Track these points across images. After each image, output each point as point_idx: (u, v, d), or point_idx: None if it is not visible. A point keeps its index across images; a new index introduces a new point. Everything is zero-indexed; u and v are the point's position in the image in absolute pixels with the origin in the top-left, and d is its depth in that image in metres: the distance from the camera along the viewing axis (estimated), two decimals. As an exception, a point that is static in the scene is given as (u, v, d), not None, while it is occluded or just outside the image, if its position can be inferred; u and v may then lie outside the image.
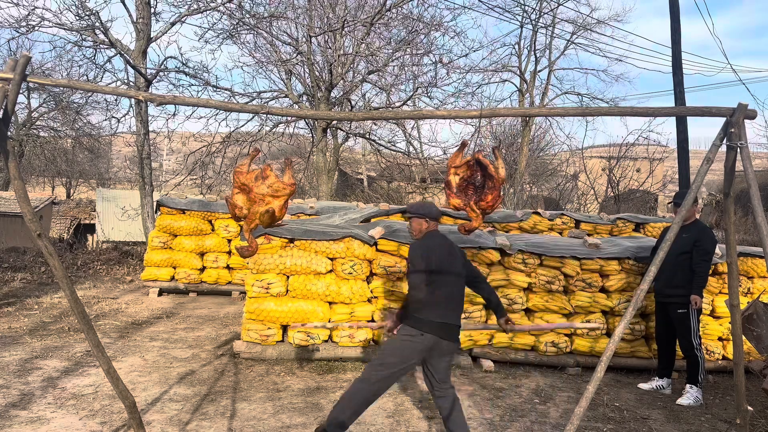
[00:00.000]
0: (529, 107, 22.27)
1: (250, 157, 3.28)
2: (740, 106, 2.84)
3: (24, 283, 9.53)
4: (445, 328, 3.59)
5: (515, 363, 5.97)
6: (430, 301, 3.56)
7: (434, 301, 3.57)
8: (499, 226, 7.93)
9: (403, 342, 3.61)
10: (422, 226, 3.81)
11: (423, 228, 3.81)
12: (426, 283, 3.54)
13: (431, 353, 3.61)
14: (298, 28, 13.74)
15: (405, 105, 14.20)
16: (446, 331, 3.60)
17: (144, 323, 7.27)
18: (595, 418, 4.62)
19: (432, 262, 3.60)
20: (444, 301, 3.60)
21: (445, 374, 3.70)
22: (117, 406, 4.34)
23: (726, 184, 3.11)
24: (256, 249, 3.30)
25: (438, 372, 3.67)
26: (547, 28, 22.19)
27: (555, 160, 24.01)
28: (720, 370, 6.05)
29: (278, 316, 5.69)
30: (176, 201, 9.32)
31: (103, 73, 12.01)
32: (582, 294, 5.97)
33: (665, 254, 2.86)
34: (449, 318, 3.63)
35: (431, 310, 3.57)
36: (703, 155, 3.02)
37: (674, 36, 11.41)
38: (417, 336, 3.55)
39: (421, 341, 3.55)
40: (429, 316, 3.56)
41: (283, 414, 4.41)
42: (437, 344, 3.58)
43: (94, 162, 27.85)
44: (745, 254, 6.17)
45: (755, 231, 13.56)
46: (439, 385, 3.69)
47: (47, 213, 19.31)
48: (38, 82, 3.22)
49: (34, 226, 2.89)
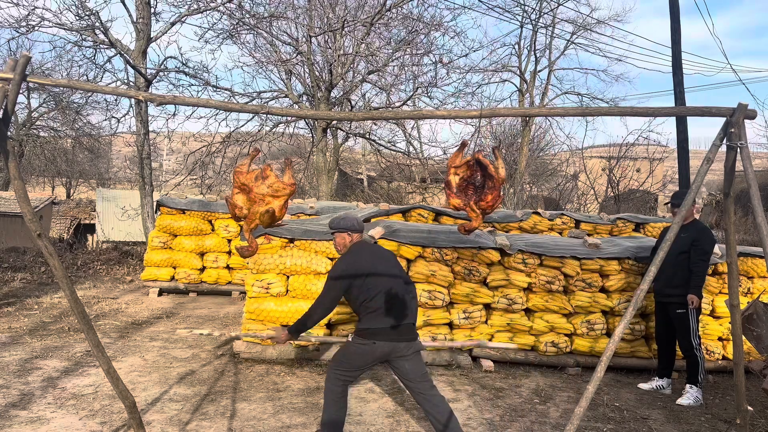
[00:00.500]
0: (529, 107, 22.27)
1: (250, 157, 3.28)
2: (740, 106, 2.84)
3: (24, 283, 9.53)
4: (396, 331, 3.60)
5: (515, 363, 5.97)
6: (372, 308, 3.60)
7: (376, 308, 3.59)
8: (499, 226, 7.93)
9: (357, 349, 3.65)
10: (345, 240, 3.84)
11: (347, 242, 3.84)
12: (341, 300, 3.72)
13: (390, 357, 3.63)
14: (298, 28, 13.74)
15: (405, 105, 14.20)
16: (398, 333, 3.61)
17: (144, 323, 7.27)
18: (595, 418, 4.62)
19: (359, 273, 3.64)
20: (386, 305, 3.61)
21: (416, 374, 3.67)
22: (117, 406, 4.34)
23: (726, 184, 3.11)
24: (256, 249, 3.30)
25: (407, 373, 3.66)
26: (547, 28, 22.21)
27: (555, 160, 24.01)
28: (720, 370, 6.05)
29: (278, 316, 5.68)
30: (176, 201, 9.32)
31: (103, 73, 12.04)
32: (582, 294, 5.97)
33: (665, 254, 2.86)
34: (398, 320, 3.62)
35: (376, 318, 3.59)
36: (703, 155, 3.02)
37: (674, 36, 11.42)
38: (369, 345, 3.59)
39: (373, 349, 3.59)
40: (376, 324, 3.59)
41: (283, 414, 4.41)
42: (394, 348, 3.60)
43: (94, 162, 27.86)
44: (745, 254, 6.17)
45: (755, 231, 13.56)
46: (416, 385, 3.67)
47: (47, 213, 19.32)
48: (38, 82, 3.22)
49: (34, 226, 2.89)
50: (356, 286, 3.63)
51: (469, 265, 5.87)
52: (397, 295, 3.68)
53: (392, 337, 3.59)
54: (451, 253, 5.87)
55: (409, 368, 3.65)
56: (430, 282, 5.82)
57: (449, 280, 5.85)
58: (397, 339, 3.60)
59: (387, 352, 3.60)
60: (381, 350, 3.59)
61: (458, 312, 5.83)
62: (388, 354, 3.61)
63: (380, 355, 3.62)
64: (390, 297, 3.64)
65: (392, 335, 3.59)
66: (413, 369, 3.66)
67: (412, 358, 3.67)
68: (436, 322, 5.79)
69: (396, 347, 3.60)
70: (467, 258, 5.91)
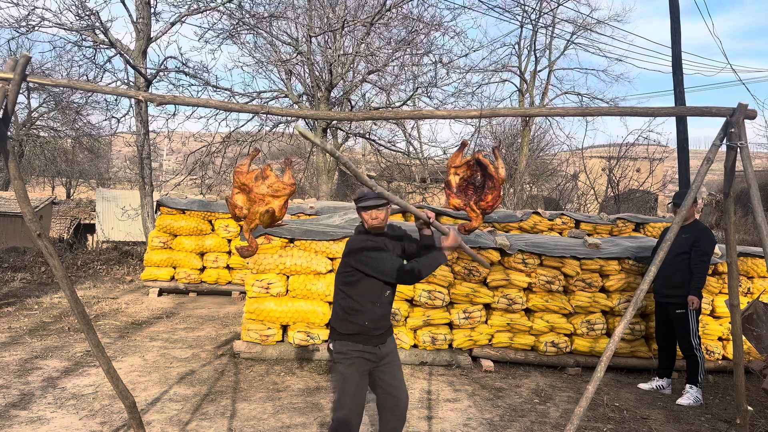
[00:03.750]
0: (529, 107, 22.23)
1: (250, 157, 3.27)
2: (740, 106, 2.84)
3: (24, 283, 9.53)
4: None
5: (515, 363, 5.97)
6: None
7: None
8: (499, 226, 7.93)
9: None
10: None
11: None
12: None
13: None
14: (298, 28, 13.74)
15: (405, 105, 14.19)
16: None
17: (144, 323, 7.27)
18: (595, 418, 4.62)
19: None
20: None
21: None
22: (117, 406, 4.35)
23: (726, 184, 3.11)
24: (256, 249, 3.29)
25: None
26: (547, 28, 22.22)
27: (555, 160, 24.02)
28: (720, 370, 6.05)
29: (278, 316, 5.69)
30: (176, 201, 9.32)
31: (103, 73, 12.02)
32: (582, 294, 5.97)
33: (665, 254, 2.86)
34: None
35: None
36: (703, 155, 3.02)
37: (674, 36, 11.41)
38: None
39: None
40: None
41: (283, 414, 4.41)
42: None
43: (94, 162, 27.85)
44: (745, 254, 6.17)
45: (755, 231, 13.56)
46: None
47: (47, 213, 19.31)
48: (38, 82, 3.21)
49: (34, 226, 2.89)
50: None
51: (469, 265, 5.87)
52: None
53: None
54: (451, 252, 5.87)
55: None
56: (429, 282, 5.82)
57: (449, 279, 5.85)
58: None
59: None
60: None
61: (458, 312, 5.83)
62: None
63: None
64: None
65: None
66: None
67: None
68: (436, 322, 5.79)
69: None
70: (467, 258, 5.91)
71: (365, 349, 3.22)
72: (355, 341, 3.22)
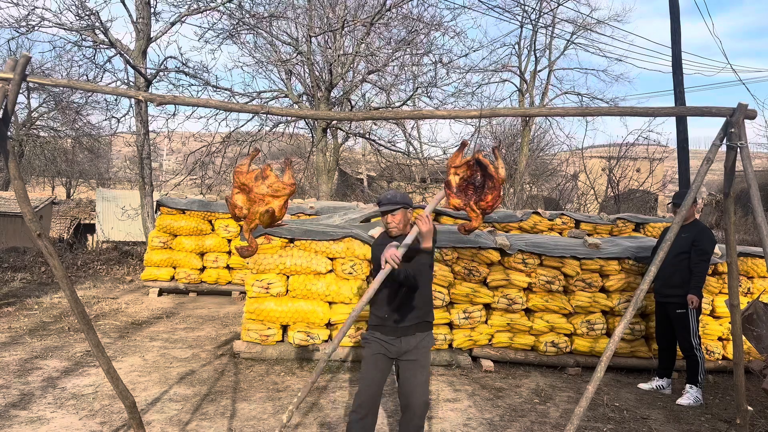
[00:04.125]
0: (529, 107, 22.24)
1: (250, 157, 3.27)
2: (740, 106, 2.84)
3: (24, 283, 9.53)
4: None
5: (515, 363, 5.97)
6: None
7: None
8: (499, 226, 7.92)
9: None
10: (410, 217, 3.49)
11: (411, 218, 3.48)
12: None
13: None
14: (298, 28, 13.74)
15: (405, 105, 14.20)
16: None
17: (144, 323, 7.27)
18: (595, 418, 4.62)
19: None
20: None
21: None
22: (117, 406, 4.34)
23: (726, 184, 3.11)
24: (256, 249, 3.29)
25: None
26: (547, 28, 22.24)
27: (555, 160, 24.02)
28: (720, 370, 6.05)
29: (278, 316, 5.69)
30: (176, 201, 9.32)
31: (103, 73, 12.02)
32: (582, 294, 5.97)
33: (665, 254, 2.86)
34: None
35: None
36: (703, 155, 3.02)
37: (674, 36, 11.41)
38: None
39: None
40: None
41: (283, 414, 4.41)
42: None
43: (94, 162, 27.86)
44: (745, 254, 6.17)
45: (755, 231, 13.56)
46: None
47: (47, 213, 19.31)
48: (38, 82, 3.22)
49: (34, 226, 2.89)
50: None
51: (469, 265, 5.87)
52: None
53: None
54: (451, 253, 5.88)
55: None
56: (430, 282, 5.81)
57: (449, 279, 5.85)
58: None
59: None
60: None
61: (458, 312, 5.83)
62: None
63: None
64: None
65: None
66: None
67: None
68: (436, 322, 5.79)
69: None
70: (467, 258, 5.91)
71: (383, 338, 3.41)
72: (374, 330, 3.46)
